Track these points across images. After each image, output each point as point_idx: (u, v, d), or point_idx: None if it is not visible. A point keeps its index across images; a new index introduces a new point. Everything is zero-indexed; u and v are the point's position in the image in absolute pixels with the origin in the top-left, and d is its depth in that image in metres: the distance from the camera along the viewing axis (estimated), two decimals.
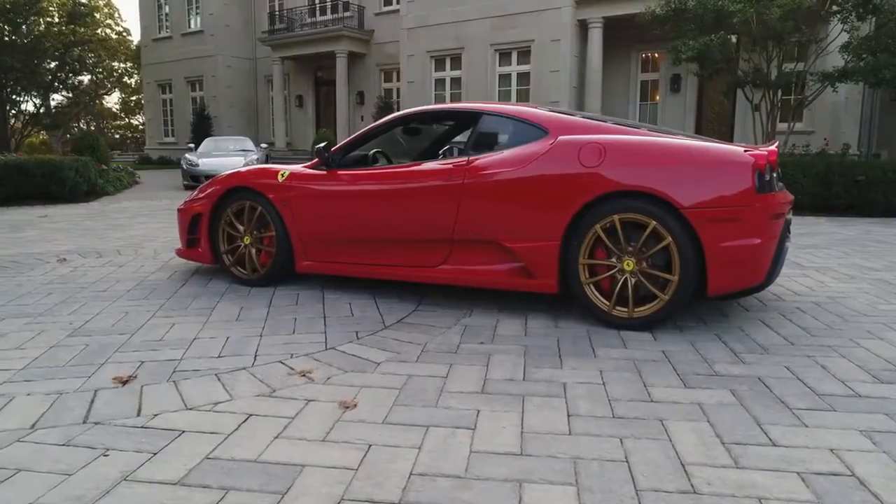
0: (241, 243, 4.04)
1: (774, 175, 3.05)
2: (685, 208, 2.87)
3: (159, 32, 25.18)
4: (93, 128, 44.11)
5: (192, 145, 14.66)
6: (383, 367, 2.57)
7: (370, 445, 1.89)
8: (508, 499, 1.60)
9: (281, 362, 2.63)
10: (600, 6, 14.65)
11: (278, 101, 21.73)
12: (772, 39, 9.02)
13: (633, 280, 3.03)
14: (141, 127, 47.55)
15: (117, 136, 46.53)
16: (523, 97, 16.04)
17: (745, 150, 2.93)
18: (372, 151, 4.24)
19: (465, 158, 3.42)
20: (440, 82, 17.48)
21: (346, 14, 20.30)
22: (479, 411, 2.14)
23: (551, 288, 3.21)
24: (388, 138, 4.30)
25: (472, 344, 2.88)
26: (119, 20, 43.48)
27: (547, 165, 3.17)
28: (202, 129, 21.98)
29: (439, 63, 17.39)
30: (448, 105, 4.03)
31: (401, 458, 1.82)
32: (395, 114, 3.96)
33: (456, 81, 17.10)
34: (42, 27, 24.10)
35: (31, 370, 2.53)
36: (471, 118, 3.72)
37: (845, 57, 9.30)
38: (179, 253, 4.42)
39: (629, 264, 3.02)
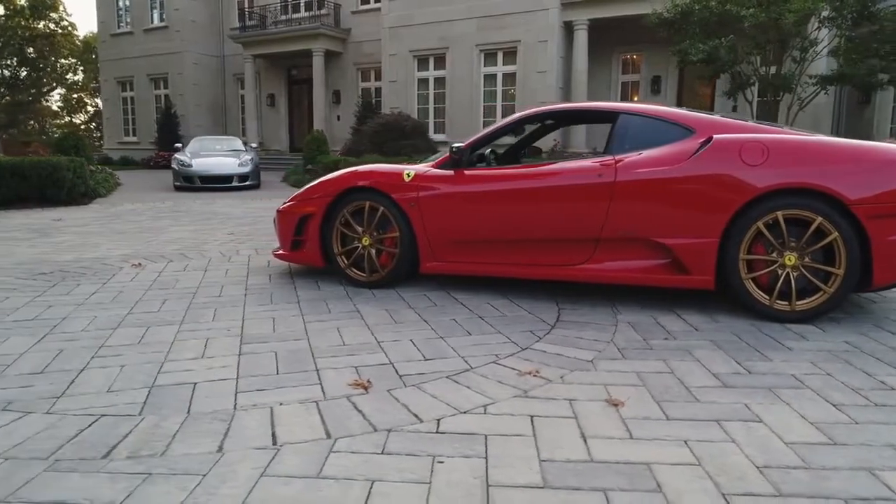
0: (359, 244, 3.95)
1: None
2: (854, 204, 2.99)
3: (118, 28, 24.17)
4: (30, 127, 41.87)
5: (179, 145, 14.14)
6: (602, 365, 2.58)
7: (685, 441, 1.91)
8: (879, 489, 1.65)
9: (496, 363, 2.60)
10: (586, 8, 14.93)
11: (250, 100, 21.19)
12: (776, 43, 9.42)
13: (795, 274, 3.14)
14: (83, 126, 45.46)
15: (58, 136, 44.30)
16: (509, 98, 16.19)
17: None
18: (489, 150, 4.22)
19: (612, 157, 3.45)
20: (423, 82, 17.44)
21: (322, 12, 19.99)
22: (745, 404, 2.18)
23: (709, 284, 3.28)
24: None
25: (657, 340, 2.92)
26: (65, 14, 41.37)
27: (706, 164, 3.24)
28: (169, 128, 21.25)
29: (422, 62, 17.34)
30: (583, 104, 4.07)
31: (727, 452, 1.83)
32: (528, 111, 3.94)
33: (440, 81, 17.10)
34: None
35: (249, 380, 2.42)
36: (603, 117, 3.75)
37: (840, 61, 9.79)
38: (281, 256, 4.28)
39: (791, 259, 3.13)
